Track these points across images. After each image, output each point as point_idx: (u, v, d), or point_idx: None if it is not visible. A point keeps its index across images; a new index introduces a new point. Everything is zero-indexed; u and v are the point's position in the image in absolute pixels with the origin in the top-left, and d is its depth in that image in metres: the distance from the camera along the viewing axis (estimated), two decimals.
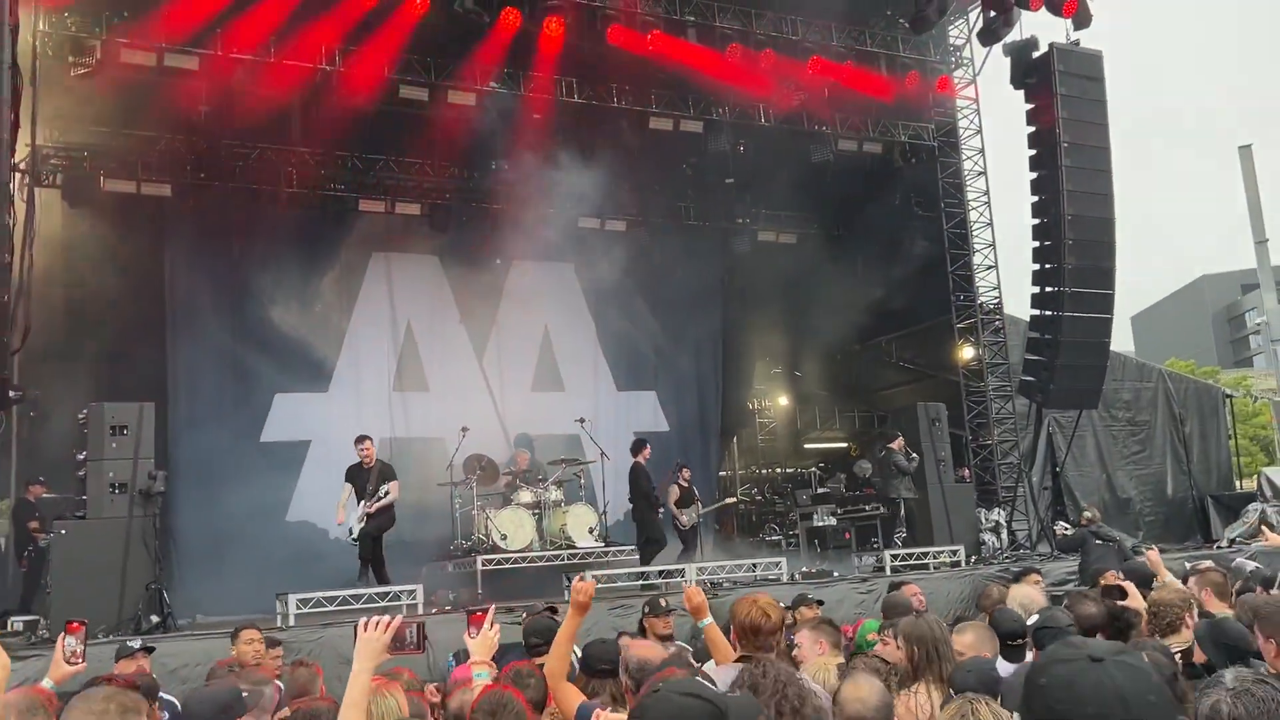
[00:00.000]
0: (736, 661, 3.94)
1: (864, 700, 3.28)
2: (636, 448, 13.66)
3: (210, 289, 14.27)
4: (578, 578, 4.52)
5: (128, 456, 10.20)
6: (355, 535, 11.36)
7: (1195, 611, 4.95)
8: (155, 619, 9.64)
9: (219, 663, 5.95)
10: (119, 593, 9.71)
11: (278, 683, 4.86)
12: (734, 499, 15.28)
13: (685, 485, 14.54)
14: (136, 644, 6.84)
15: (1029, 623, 4.69)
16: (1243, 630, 4.06)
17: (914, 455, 14.05)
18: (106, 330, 13.37)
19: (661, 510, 13.65)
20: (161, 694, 5.11)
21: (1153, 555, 6.66)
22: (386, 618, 3.24)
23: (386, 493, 11.43)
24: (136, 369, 13.10)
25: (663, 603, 7.35)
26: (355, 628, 3.28)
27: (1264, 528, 11.10)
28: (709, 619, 4.50)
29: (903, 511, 14.31)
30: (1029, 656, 4.49)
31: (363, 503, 11.35)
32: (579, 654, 4.84)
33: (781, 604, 4.61)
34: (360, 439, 11.65)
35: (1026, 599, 6.07)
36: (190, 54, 11.55)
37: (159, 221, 14.10)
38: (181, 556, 13.01)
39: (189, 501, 13.05)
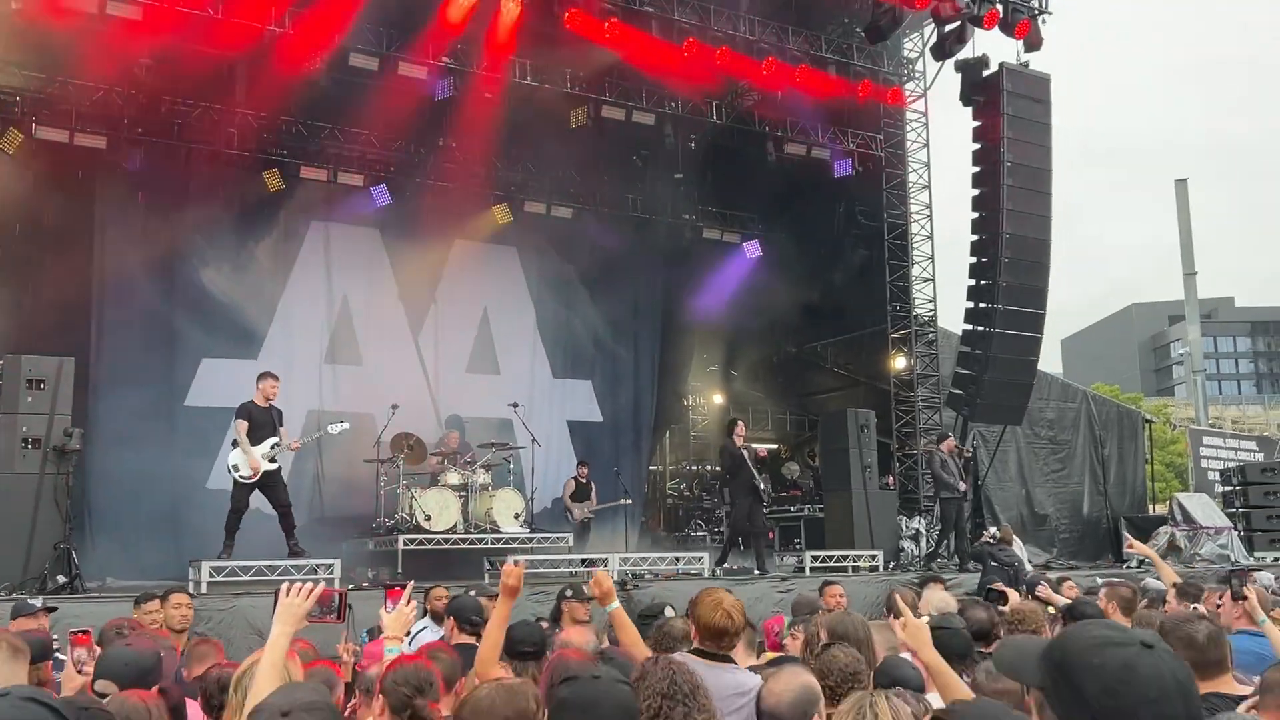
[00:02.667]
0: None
1: (778, 695, 3.30)
2: (730, 425, 13.21)
3: (141, 247, 13.88)
4: (509, 561, 4.53)
5: (43, 412, 9.93)
6: (276, 464, 10.84)
7: (1050, 627, 5.20)
8: (62, 579, 9.40)
9: (110, 622, 5.80)
10: (25, 550, 9.45)
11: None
12: (628, 500, 15.35)
13: (583, 481, 14.80)
14: (37, 603, 6.67)
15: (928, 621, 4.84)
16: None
17: (946, 458, 13.74)
18: (28, 280, 12.98)
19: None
20: (58, 654, 4.97)
21: (1042, 591, 6.91)
22: (310, 584, 3.21)
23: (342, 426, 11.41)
24: (58, 322, 12.73)
25: (583, 588, 7.36)
26: (277, 592, 3.24)
27: (1129, 537, 11.38)
28: (616, 603, 4.53)
29: (937, 510, 14.33)
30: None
31: (273, 441, 10.81)
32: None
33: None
34: (268, 375, 11.12)
35: (942, 603, 6.21)
36: (134, 3, 11.23)
37: (91, 173, 13.70)
38: (95, 518, 12.69)
39: (106, 462, 12.70)
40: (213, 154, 13.90)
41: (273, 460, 10.81)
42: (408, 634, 4.05)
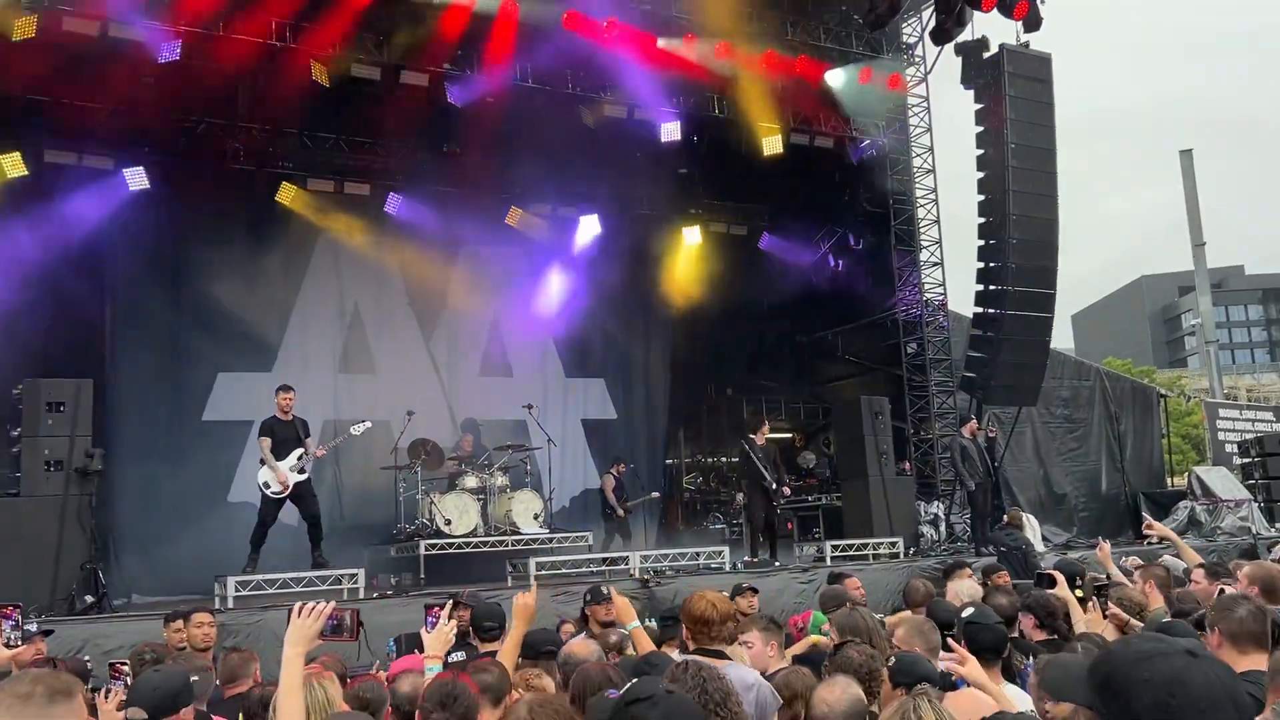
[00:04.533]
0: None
1: (830, 705, 3.35)
2: (753, 425, 13.60)
3: (153, 265, 14.00)
4: (519, 595, 4.61)
5: (64, 434, 10.02)
6: (306, 474, 10.92)
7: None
8: (90, 599, 9.49)
9: (135, 650, 5.86)
10: (53, 572, 9.55)
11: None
12: (657, 494, 15.41)
13: (618, 477, 14.85)
14: (33, 628, 6.73)
15: (963, 615, 4.82)
16: None
17: (967, 440, 13.92)
18: (42, 303, 13.06)
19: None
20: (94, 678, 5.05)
21: (1103, 549, 6.86)
22: (321, 604, 3.25)
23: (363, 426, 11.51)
24: (75, 344, 12.83)
25: (604, 590, 7.40)
26: (289, 612, 3.28)
27: (1149, 519, 11.37)
28: (636, 623, 4.61)
29: (960, 493, 14.54)
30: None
31: (299, 453, 10.89)
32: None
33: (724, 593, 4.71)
34: (284, 388, 11.21)
35: (967, 592, 6.25)
36: (136, 25, 11.29)
37: (99, 193, 13.76)
38: (118, 536, 12.80)
39: (127, 480, 12.83)
40: (219, 169, 13.98)
41: (301, 471, 10.90)
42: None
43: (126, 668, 4.47)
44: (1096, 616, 5.13)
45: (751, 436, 13.20)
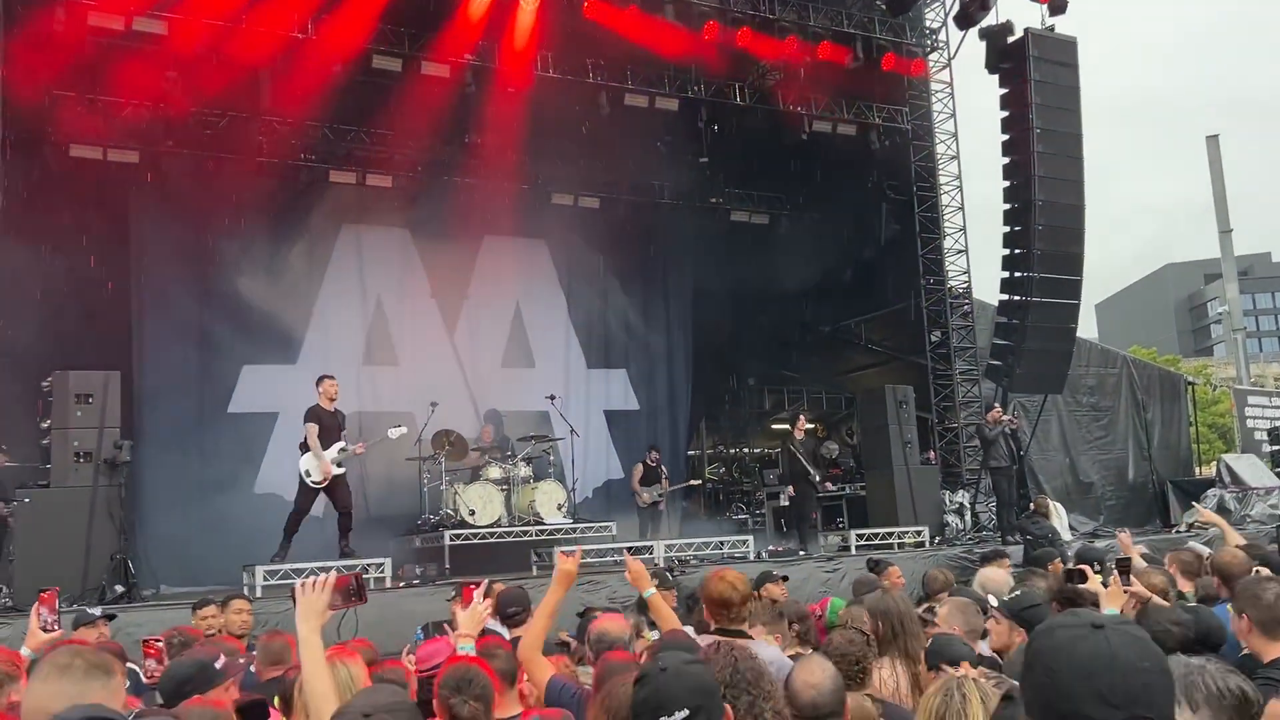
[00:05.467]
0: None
1: (817, 686, 3.29)
2: (791, 419, 13.98)
3: (177, 258, 14.08)
4: (562, 551, 4.56)
5: (93, 425, 10.08)
6: (343, 468, 10.94)
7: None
8: (120, 589, 9.56)
9: (167, 631, 5.89)
10: (83, 562, 9.61)
11: (250, 653, 4.87)
12: (698, 481, 15.45)
13: (652, 465, 14.80)
14: (97, 612, 6.79)
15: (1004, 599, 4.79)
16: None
17: (1001, 422, 14.10)
18: (70, 296, 13.17)
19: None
20: (131, 665, 5.07)
21: (1123, 537, 6.80)
22: (322, 576, 3.22)
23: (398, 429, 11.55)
24: (102, 337, 12.93)
25: (669, 575, 7.40)
26: (293, 590, 3.24)
27: (1200, 507, 11.27)
28: (652, 589, 4.57)
29: (985, 481, 14.68)
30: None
31: (340, 446, 10.86)
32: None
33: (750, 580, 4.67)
34: (329, 376, 11.15)
35: (990, 581, 6.19)
36: (159, 18, 11.34)
37: (125, 188, 13.87)
38: (146, 527, 12.87)
39: (155, 472, 12.91)
40: (242, 162, 14.02)
41: (340, 465, 10.94)
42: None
43: (160, 643, 4.48)
44: (1116, 590, 5.06)
45: (791, 431, 13.58)
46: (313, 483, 10.79)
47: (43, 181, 12.75)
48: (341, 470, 10.96)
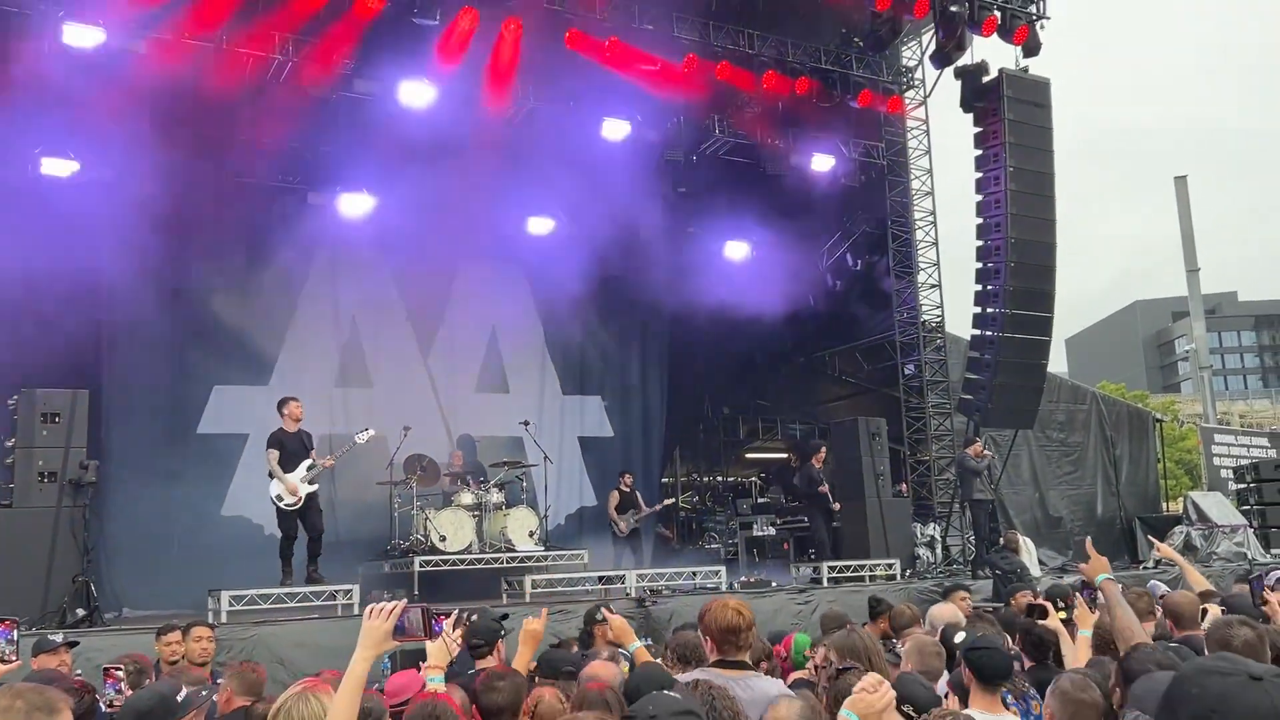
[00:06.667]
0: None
1: None
2: (814, 450, 15.02)
3: (150, 277, 13.93)
4: (528, 620, 4.51)
5: (59, 445, 9.96)
6: (315, 485, 10.88)
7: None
8: (81, 612, 9.41)
9: (120, 657, 5.77)
10: (44, 584, 9.47)
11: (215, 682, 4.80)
12: (671, 500, 15.42)
13: (626, 490, 14.72)
14: (58, 638, 6.66)
15: (956, 640, 4.80)
16: None
17: (984, 456, 14.51)
18: (39, 314, 12.99)
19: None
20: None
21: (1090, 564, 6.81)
22: (390, 604, 3.09)
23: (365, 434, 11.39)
24: (70, 355, 12.75)
25: (600, 612, 7.31)
26: (364, 613, 3.11)
27: (1157, 542, 11.32)
28: (637, 643, 4.53)
29: (968, 514, 14.85)
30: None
31: (308, 464, 10.80)
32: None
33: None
34: (293, 398, 11.11)
35: (937, 618, 6.20)
36: (138, 37, 11.30)
37: (98, 205, 13.72)
38: (110, 549, 12.69)
39: (120, 492, 12.75)
40: (218, 182, 13.93)
41: (311, 483, 10.84)
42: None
43: (120, 671, 4.41)
44: (1085, 613, 5.08)
45: (812, 463, 14.66)
46: (285, 506, 10.71)
47: (14, 195, 12.60)
48: (314, 488, 10.88)
